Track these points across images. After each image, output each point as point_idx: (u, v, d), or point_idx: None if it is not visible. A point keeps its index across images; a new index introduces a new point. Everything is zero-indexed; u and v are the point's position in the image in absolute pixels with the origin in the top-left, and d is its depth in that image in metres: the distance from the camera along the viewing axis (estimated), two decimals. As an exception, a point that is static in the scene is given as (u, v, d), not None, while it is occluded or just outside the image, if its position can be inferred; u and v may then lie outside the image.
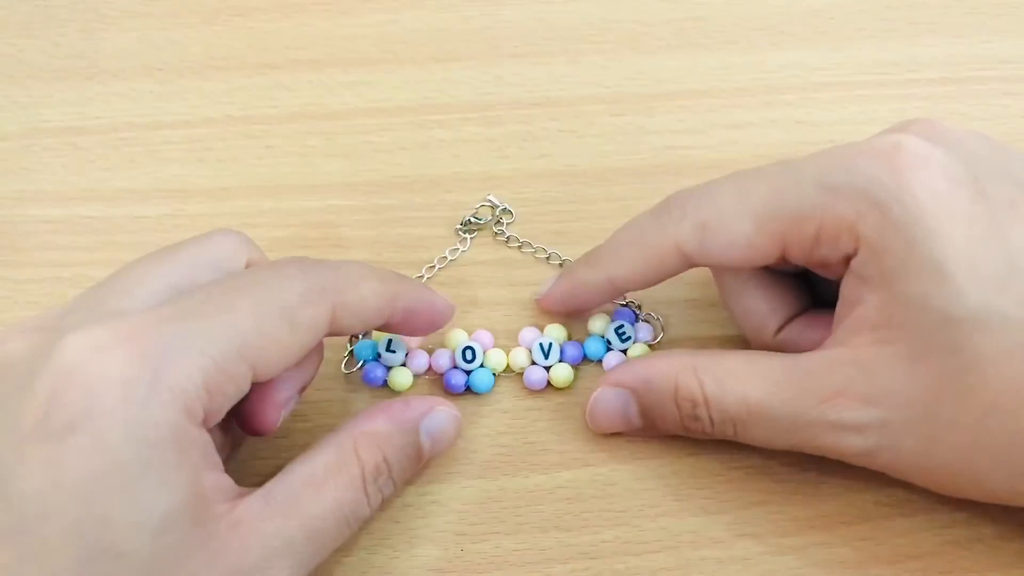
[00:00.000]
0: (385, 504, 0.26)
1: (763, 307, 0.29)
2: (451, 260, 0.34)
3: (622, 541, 0.29)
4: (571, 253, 0.34)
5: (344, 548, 0.28)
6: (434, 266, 0.33)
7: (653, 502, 0.29)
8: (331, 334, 0.26)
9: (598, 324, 0.32)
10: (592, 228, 0.34)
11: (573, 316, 0.32)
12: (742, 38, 0.40)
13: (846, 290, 0.26)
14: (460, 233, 0.34)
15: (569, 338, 0.32)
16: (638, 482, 0.30)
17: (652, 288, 0.30)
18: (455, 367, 0.31)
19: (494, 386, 0.31)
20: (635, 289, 0.30)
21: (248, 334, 0.23)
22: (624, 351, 0.31)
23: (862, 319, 0.25)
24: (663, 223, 0.28)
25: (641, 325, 0.32)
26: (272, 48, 0.40)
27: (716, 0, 0.41)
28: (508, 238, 0.34)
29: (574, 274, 0.31)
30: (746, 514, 0.29)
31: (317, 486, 0.25)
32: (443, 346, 0.31)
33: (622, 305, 0.32)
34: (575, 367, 0.31)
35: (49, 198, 0.35)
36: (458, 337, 0.31)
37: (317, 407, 0.31)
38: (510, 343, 0.32)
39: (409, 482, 0.29)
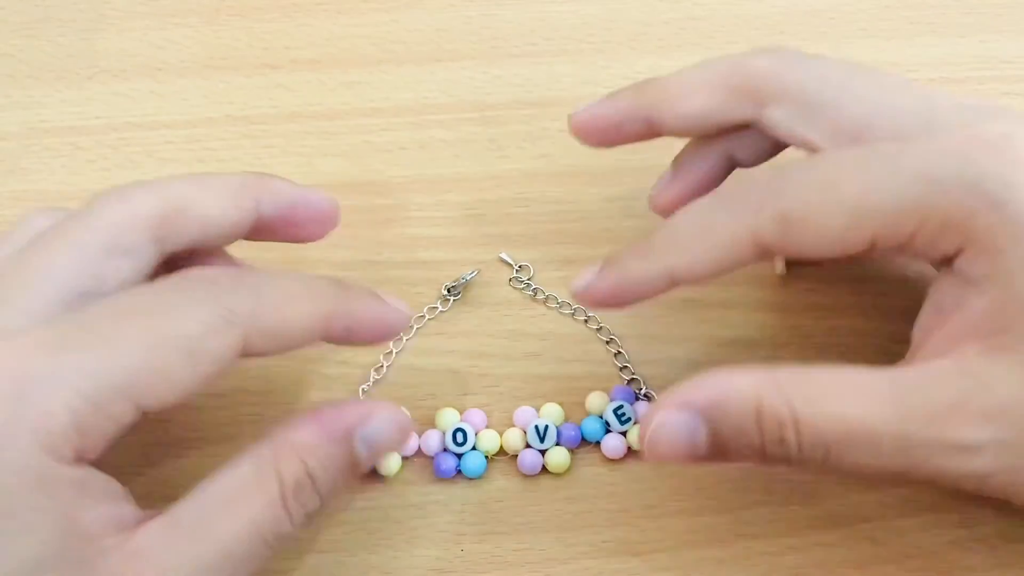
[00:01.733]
0: (313, 518, 0.24)
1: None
2: (429, 319, 0.32)
3: (622, 541, 0.28)
4: (571, 252, 0.34)
5: (344, 548, 0.28)
6: (412, 327, 0.32)
7: (653, 502, 0.29)
8: (251, 356, 0.24)
9: (596, 403, 0.30)
10: (592, 228, 0.35)
11: (615, 309, 0.28)
12: (742, 38, 0.40)
13: (942, 294, 0.24)
14: (445, 296, 0.33)
15: (566, 418, 0.30)
16: (638, 482, 0.29)
17: (638, 336, 0.30)
18: (445, 450, 0.29)
19: (487, 470, 0.29)
20: (696, 282, 0.26)
21: (134, 370, 0.21)
22: (623, 432, 0.30)
23: (969, 325, 0.23)
24: (736, 211, 0.25)
25: (641, 404, 0.30)
26: (272, 48, 0.40)
27: (716, 0, 0.41)
28: (535, 291, 0.33)
29: (623, 266, 0.27)
30: (746, 514, 0.29)
31: (230, 505, 0.22)
32: (433, 426, 0.30)
33: (628, 382, 0.31)
34: (572, 451, 0.30)
35: (49, 198, 0.35)
36: (448, 418, 0.30)
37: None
38: (506, 413, 0.30)
39: (343, 493, 0.26)
